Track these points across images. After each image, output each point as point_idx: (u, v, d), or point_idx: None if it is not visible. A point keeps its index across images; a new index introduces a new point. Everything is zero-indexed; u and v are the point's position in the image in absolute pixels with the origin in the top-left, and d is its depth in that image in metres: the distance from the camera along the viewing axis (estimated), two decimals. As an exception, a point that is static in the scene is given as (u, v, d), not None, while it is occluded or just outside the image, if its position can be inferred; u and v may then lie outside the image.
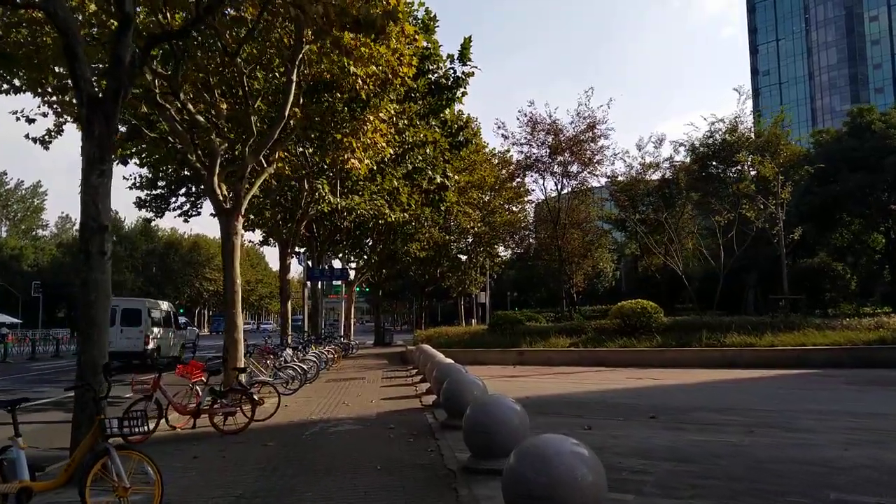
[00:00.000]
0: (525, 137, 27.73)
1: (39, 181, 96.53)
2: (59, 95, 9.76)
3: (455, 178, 14.65)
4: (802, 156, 26.34)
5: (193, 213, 23.09)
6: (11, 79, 9.28)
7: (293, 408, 10.08)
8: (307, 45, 9.77)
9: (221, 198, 10.58)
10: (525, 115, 27.57)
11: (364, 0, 7.08)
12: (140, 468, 4.39)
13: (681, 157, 28.16)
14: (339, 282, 33.55)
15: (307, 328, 20.44)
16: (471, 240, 33.33)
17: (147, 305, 18.66)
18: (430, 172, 14.00)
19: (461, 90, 14.08)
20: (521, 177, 30.02)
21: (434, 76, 13.71)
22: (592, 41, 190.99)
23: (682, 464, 5.48)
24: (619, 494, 4.53)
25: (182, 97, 9.81)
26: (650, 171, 29.95)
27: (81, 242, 5.67)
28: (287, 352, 13.97)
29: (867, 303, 28.34)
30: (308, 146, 12.39)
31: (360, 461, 6.07)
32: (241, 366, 10.78)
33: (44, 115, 10.70)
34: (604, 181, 30.45)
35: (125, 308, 18.18)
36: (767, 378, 12.42)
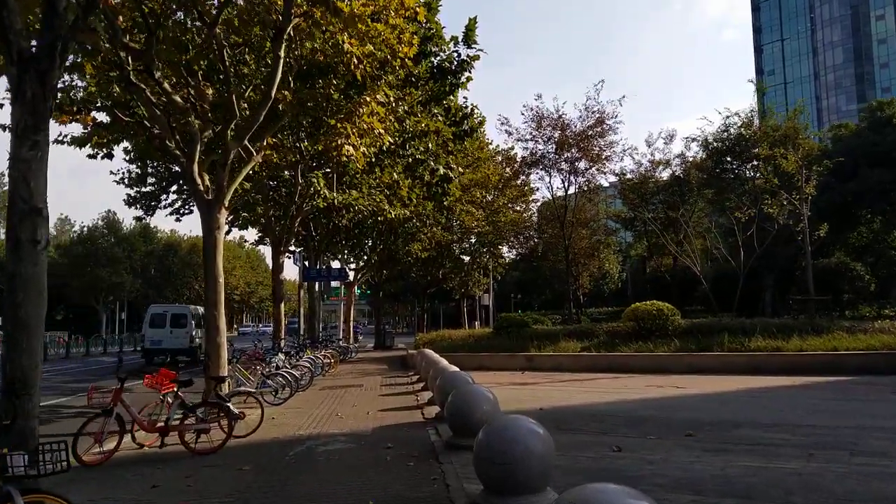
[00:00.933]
0: (530, 133, 26.73)
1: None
2: None
3: (459, 170, 13.62)
4: (819, 151, 25.27)
5: (185, 212, 22.17)
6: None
7: (280, 420, 9.06)
8: (296, 19, 8.78)
9: (203, 188, 9.58)
10: (530, 110, 26.57)
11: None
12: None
13: (692, 153, 27.17)
14: (339, 283, 32.58)
15: (303, 331, 19.42)
16: (474, 240, 32.32)
17: (191, 310, 21.79)
18: (433, 163, 12.98)
19: (466, 75, 13.07)
20: (526, 175, 28.98)
21: (437, 59, 12.70)
22: (592, 44, 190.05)
23: (747, 502, 4.44)
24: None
25: (158, 75, 8.83)
26: (660, 169, 28.94)
27: (8, 228, 4.66)
28: (279, 357, 12.96)
29: (887, 304, 27.23)
30: (300, 133, 11.39)
31: (351, 492, 5.05)
32: (224, 373, 9.77)
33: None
34: (612, 179, 29.43)
35: (174, 313, 21.94)
36: (802, 386, 11.36)
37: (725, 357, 14.11)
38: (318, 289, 25.27)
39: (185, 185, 12.19)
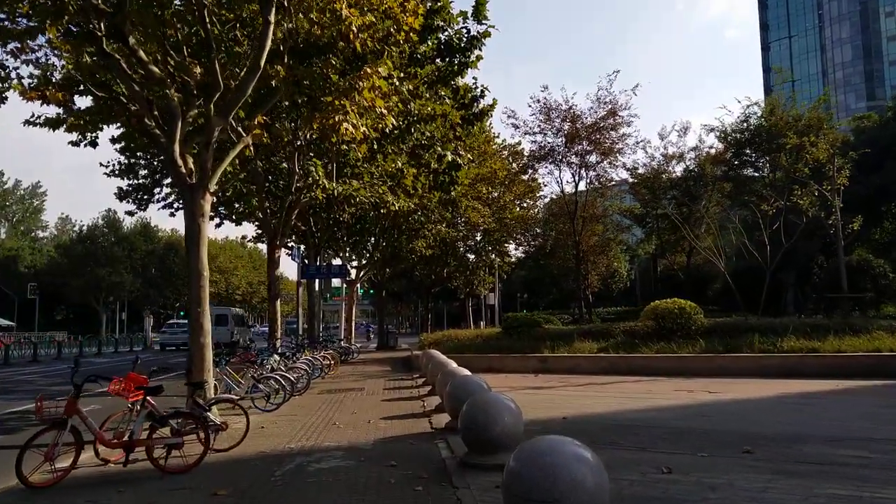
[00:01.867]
0: (538, 126, 25.68)
1: (38, 181, 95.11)
2: None
3: (468, 157, 12.60)
4: (842, 142, 24.10)
5: (180, 206, 21.22)
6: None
7: (270, 430, 8.06)
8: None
9: (185, 171, 8.58)
10: (537, 102, 25.52)
11: None
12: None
13: (709, 145, 26.08)
14: (340, 283, 31.60)
15: (302, 331, 18.42)
16: (479, 237, 31.29)
17: (231, 311, 27.38)
18: (440, 149, 11.96)
19: (476, 53, 12.07)
20: (534, 169, 27.92)
21: (444, 35, 11.70)
22: (593, 45, 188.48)
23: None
24: None
25: (132, 41, 7.84)
26: (673, 163, 27.85)
27: None
28: (273, 359, 11.96)
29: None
30: (294, 113, 10.39)
31: (344, 530, 4.04)
32: (210, 378, 8.78)
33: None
34: (624, 174, 28.36)
35: (217, 314, 26.67)
36: (848, 391, 10.30)
37: (758, 359, 13.04)
38: (319, 287, 24.27)
39: (166, 169, 11.19)
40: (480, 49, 11.95)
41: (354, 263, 28.45)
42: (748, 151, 22.96)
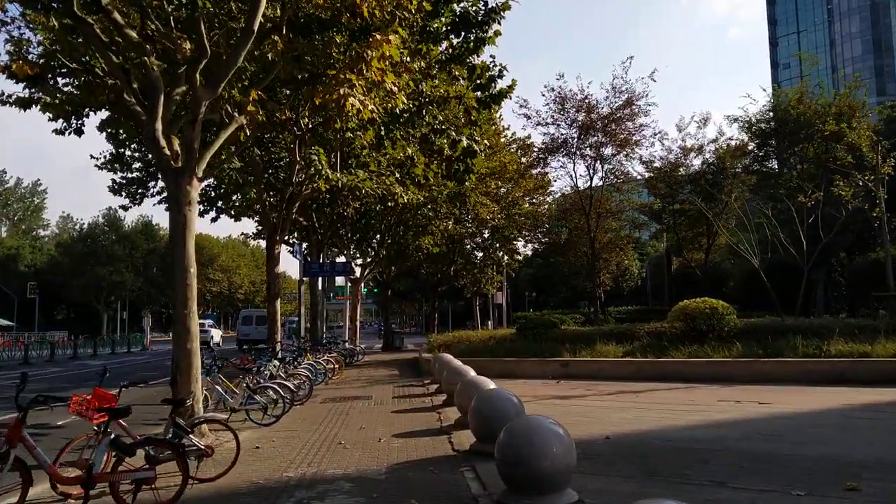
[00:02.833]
0: (552, 116, 24.50)
1: (38, 179, 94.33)
2: None
3: (485, 143, 11.48)
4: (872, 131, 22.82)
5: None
6: None
7: (266, 451, 6.97)
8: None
9: (169, 153, 7.50)
10: (551, 91, 24.33)
11: None
12: None
13: (728, 136, 24.88)
14: (344, 281, 30.53)
15: (304, 333, 17.34)
16: (487, 234, 30.18)
17: (266, 313, 29.48)
18: (454, 133, 10.83)
19: (494, 28, 10.89)
20: (544, 164, 26.74)
21: (459, 7, 10.55)
22: (595, 46, 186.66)
23: None
24: None
25: (106, 1, 6.76)
26: (692, 156, 26.66)
27: None
28: (272, 365, 10.88)
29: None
30: (294, 92, 9.28)
31: None
32: (198, 388, 7.70)
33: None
34: (640, 167, 27.18)
35: (257, 315, 33.60)
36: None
37: (801, 364, 11.89)
38: (322, 286, 23.18)
39: (149, 151, 10.10)
40: (499, 23, 10.79)
41: (359, 261, 27.37)
42: (772, 142, 21.75)
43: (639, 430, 7.39)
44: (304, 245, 21.51)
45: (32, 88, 9.02)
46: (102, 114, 11.96)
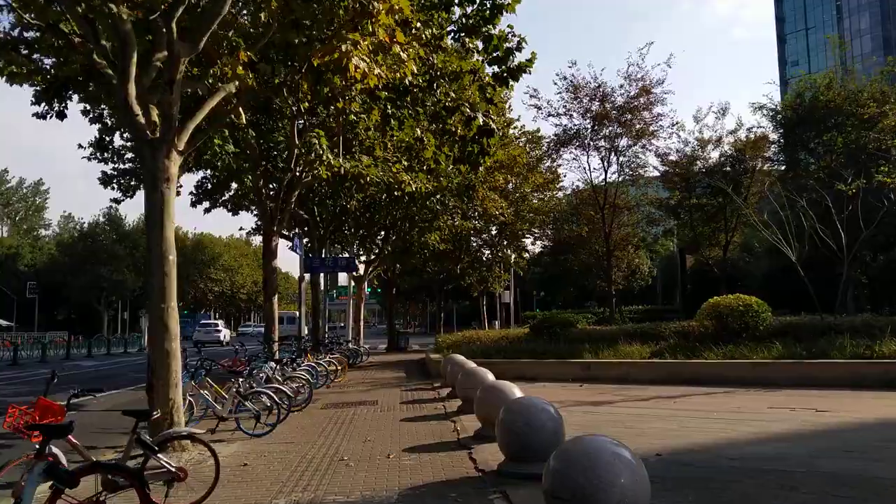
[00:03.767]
0: (564, 106, 23.40)
1: (41, 179, 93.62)
2: None
3: (503, 121, 10.40)
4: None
5: (171, 194, 19.16)
6: None
7: (255, 469, 5.92)
8: None
9: (144, 121, 6.46)
10: (564, 79, 23.22)
11: None
12: None
13: (748, 127, 23.73)
14: (347, 279, 29.50)
15: (305, 333, 16.29)
16: (495, 231, 29.10)
17: (297, 314, 26.93)
18: (468, 110, 9.77)
19: (513, -8, 9.85)
20: (557, 155, 25.64)
21: (474, -33, 9.52)
22: (598, 45, 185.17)
23: None
24: None
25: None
26: (709, 148, 25.51)
27: None
28: (267, 367, 9.84)
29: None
30: (287, 57, 8.23)
31: None
32: (177, 395, 6.66)
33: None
34: (655, 160, 26.05)
35: (288, 316, 33.65)
36: None
37: (851, 366, 10.77)
38: (324, 283, 22.15)
39: (121, 121, 9.05)
40: (519, -13, 9.75)
41: (363, 258, 26.31)
42: (798, 131, 20.61)
43: (691, 445, 6.30)
44: (306, 241, 20.51)
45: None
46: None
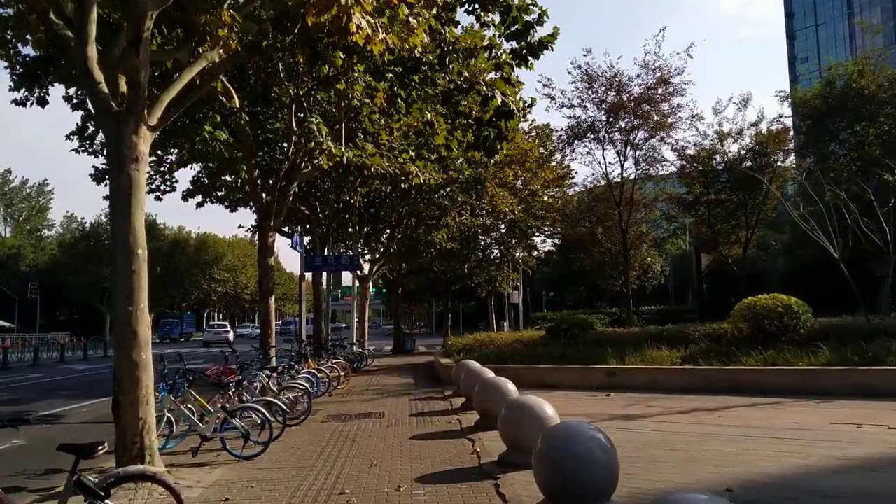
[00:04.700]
0: (578, 97, 22.31)
1: (45, 179, 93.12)
2: None
3: (524, 102, 9.37)
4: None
5: (167, 189, 18.35)
6: None
7: (237, 507, 4.90)
8: None
9: (108, 90, 5.45)
10: (578, 69, 22.13)
11: None
12: None
13: (769, 119, 22.58)
14: (351, 280, 28.49)
15: (303, 336, 15.28)
16: (504, 229, 28.03)
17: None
18: (485, 87, 8.72)
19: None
20: (571, 149, 24.54)
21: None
22: (602, 45, 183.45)
23: None
24: None
25: None
26: (729, 141, 24.37)
27: None
28: (261, 376, 8.82)
29: None
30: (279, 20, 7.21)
31: None
32: (149, 414, 5.65)
33: None
34: (671, 155, 24.92)
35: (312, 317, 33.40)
36: None
37: (914, 374, 9.65)
38: (327, 283, 21.14)
39: (82, 89, 8.00)
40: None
41: (368, 257, 25.29)
42: (825, 121, 19.46)
43: (763, 476, 5.22)
44: (307, 239, 19.51)
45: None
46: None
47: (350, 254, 20.42)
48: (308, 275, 17.99)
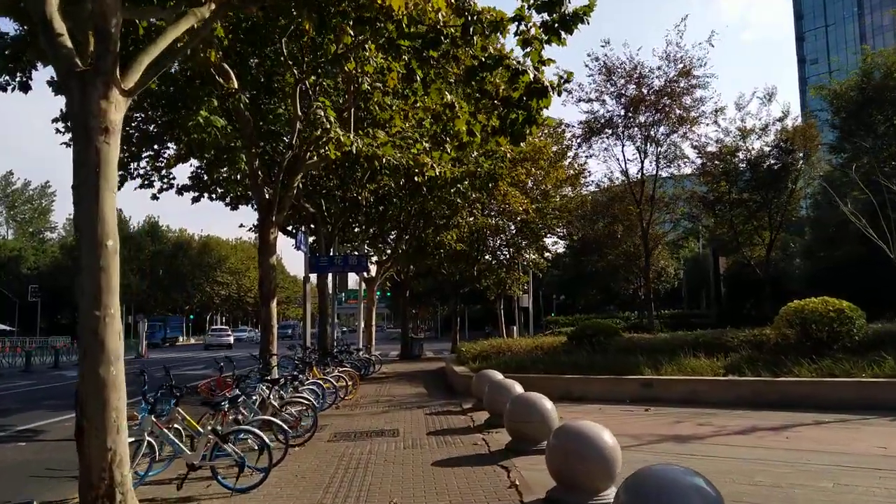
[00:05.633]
0: (596, 90, 21.29)
1: (48, 182, 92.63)
2: None
3: (556, 83, 8.30)
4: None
5: (164, 186, 17.32)
6: None
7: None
8: None
9: (70, 45, 4.45)
10: (596, 61, 21.11)
11: None
12: None
13: (794, 116, 21.49)
14: (357, 282, 27.46)
15: (307, 342, 14.24)
16: (514, 230, 26.98)
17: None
18: (515, 63, 7.70)
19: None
20: (588, 145, 23.50)
21: None
22: (621, 36, 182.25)
23: None
24: None
25: None
26: (752, 137, 23.29)
27: None
28: (259, 389, 7.78)
29: None
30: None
31: None
32: (119, 439, 4.63)
33: None
34: (691, 152, 23.85)
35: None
36: None
37: None
38: (333, 285, 20.12)
39: (43, 45, 7.06)
40: None
41: (374, 259, 24.29)
42: (861, 114, 18.40)
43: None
44: (312, 239, 18.51)
45: None
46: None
47: (357, 254, 19.40)
48: (312, 277, 17.00)
